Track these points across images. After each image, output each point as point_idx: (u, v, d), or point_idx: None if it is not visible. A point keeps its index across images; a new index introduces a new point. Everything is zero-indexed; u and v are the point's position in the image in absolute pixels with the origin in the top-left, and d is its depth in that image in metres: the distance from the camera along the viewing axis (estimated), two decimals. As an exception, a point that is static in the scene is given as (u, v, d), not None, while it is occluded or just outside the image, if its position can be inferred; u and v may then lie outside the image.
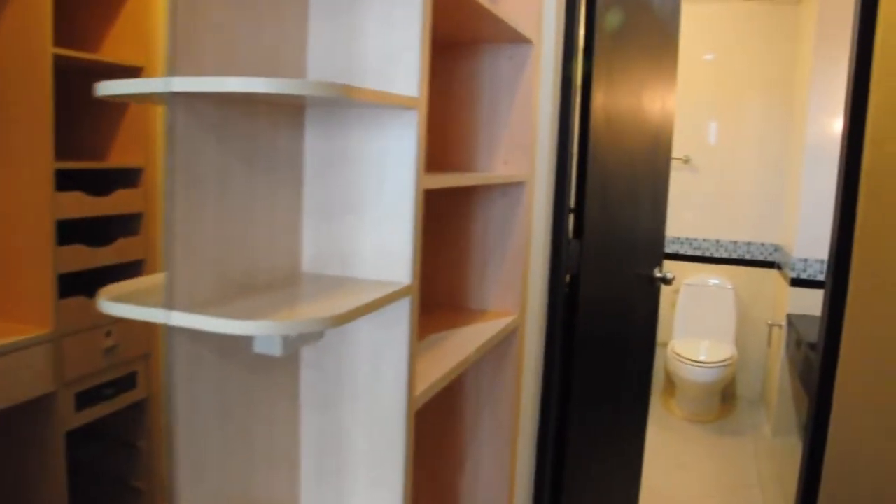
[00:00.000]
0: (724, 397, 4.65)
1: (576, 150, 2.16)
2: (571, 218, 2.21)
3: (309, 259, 1.22)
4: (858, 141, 2.10)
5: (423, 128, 1.13)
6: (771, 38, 4.43)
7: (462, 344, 1.53)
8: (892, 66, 2.07)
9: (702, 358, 4.12)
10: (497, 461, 1.91)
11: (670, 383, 4.72)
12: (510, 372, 1.85)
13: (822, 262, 3.93)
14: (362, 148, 1.16)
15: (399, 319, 1.16)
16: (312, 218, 1.21)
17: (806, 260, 3.95)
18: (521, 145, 1.74)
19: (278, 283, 1.16)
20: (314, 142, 1.20)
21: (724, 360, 4.10)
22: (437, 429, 1.93)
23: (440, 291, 1.90)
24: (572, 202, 2.18)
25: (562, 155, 1.98)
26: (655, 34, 2.60)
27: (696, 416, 4.37)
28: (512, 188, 1.78)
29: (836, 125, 3.87)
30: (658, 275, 2.94)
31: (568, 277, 2.20)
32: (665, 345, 4.63)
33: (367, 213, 1.16)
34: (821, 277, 3.95)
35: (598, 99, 2.18)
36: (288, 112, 1.16)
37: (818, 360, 2.26)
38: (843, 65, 4.00)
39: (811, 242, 3.94)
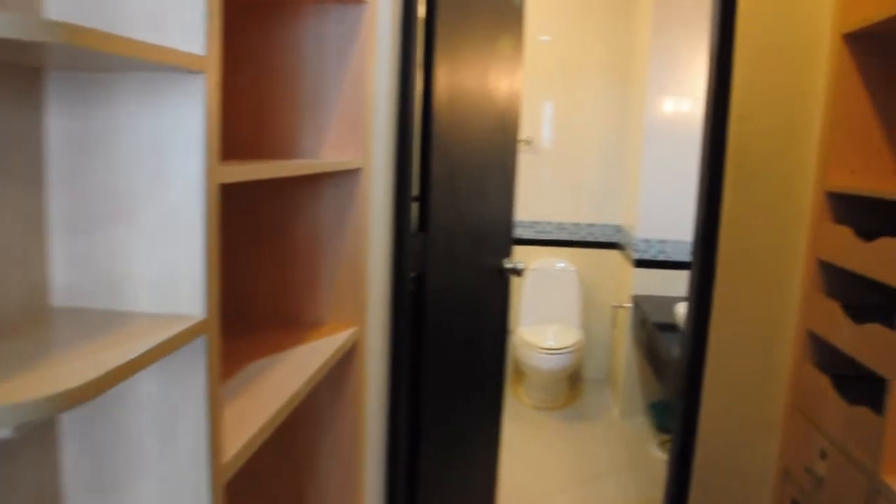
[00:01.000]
0: (572, 381, 4.57)
1: (418, 133, 1.88)
2: (416, 209, 1.93)
3: (62, 289, 0.86)
4: (722, 117, 1.95)
5: (216, 100, 0.80)
6: (607, 18, 4.34)
7: (290, 374, 1.22)
8: (757, 40, 1.93)
9: (549, 344, 3.99)
10: (342, 491, 1.60)
11: (518, 371, 4.58)
12: (351, 393, 1.55)
13: (663, 242, 3.90)
14: (131, 129, 0.81)
15: (193, 366, 0.83)
16: (63, 230, 0.84)
17: (648, 240, 3.90)
18: (353, 127, 1.44)
19: (10, 327, 0.79)
20: (61, 121, 0.83)
21: (572, 346, 3.99)
22: (264, 469, 1.60)
23: (264, 305, 1.56)
24: (416, 191, 1.90)
25: (402, 138, 1.69)
26: (501, 7, 2.36)
27: (546, 403, 4.25)
28: (344, 177, 1.47)
29: (675, 104, 3.83)
30: (508, 266, 2.73)
31: (414, 274, 1.93)
32: (511, 332, 4.48)
33: (141, 220, 0.82)
34: (662, 258, 3.91)
35: (442, 76, 1.91)
36: (12, 76, 0.79)
37: (687, 344, 2.11)
38: (682, 42, 3.95)
39: (652, 223, 3.89)
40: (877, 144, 1.89)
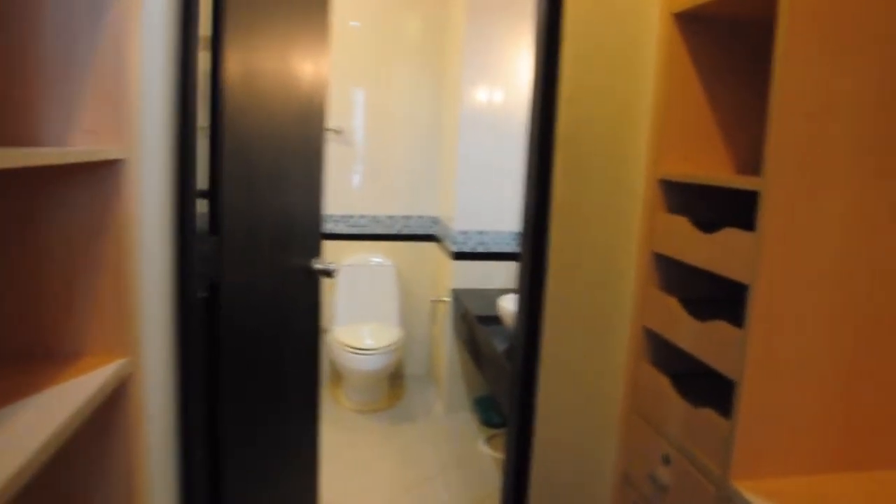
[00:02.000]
0: (394, 380, 4.35)
1: (205, 119, 1.56)
2: (207, 207, 1.61)
3: None
4: (550, 100, 1.77)
5: None
6: (420, 3, 4.13)
7: (30, 428, 0.87)
8: (585, 16, 1.76)
9: (367, 344, 3.73)
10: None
11: (336, 373, 4.30)
12: (121, 443, 1.21)
13: (481, 233, 3.75)
14: None
15: None
16: None
17: (466, 232, 3.74)
18: (113, 105, 1.09)
19: None
20: None
21: (390, 344, 3.76)
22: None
23: (4, 334, 1.18)
24: (204, 185, 1.58)
25: (183, 124, 1.36)
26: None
27: (367, 405, 4.00)
28: (102, 170, 1.12)
29: (491, 92, 3.69)
30: (318, 266, 2.44)
31: (206, 285, 1.61)
32: (327, 331, 4.19)
33: None
34: (481, 249, 3.77)
35: (234, 56, 1.59)
36: None
37: (519, 339, 1.92)
38: (498, 29, 3.76)
39: (470, 214, 3.74)
40: (710, 129, 1.79)
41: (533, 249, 1.84)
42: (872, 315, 1.44)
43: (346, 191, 4.24)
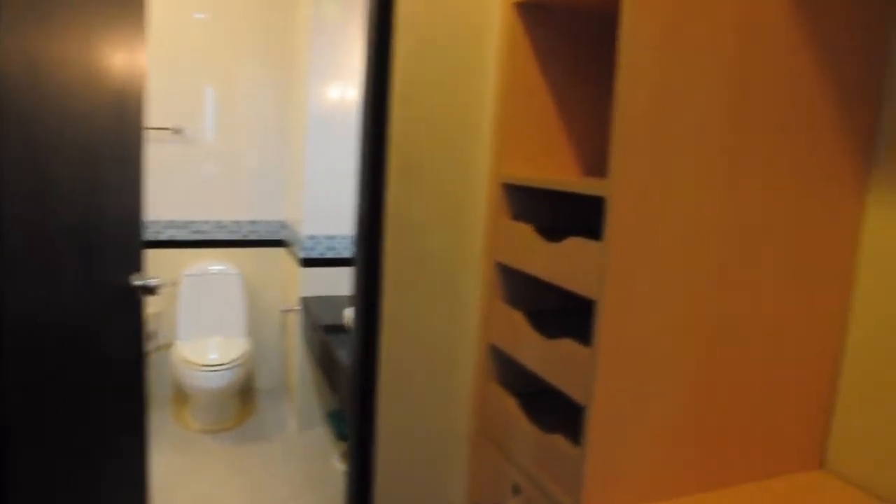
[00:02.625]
0: (244, 396, 4.04)
1: None
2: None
3: None
4: (382, 99, 1.57)
5: None
6: (258, -8, 3.84)
7: None
8: (420, 6, 1.57)
9: (212, 360, 3.42)
10: None
11: (181, 393, 3.94)
12: None
13: (331, 238, 3.52)
14: None
15: None
16: None
17: (315, 237, 3.49)
18: None
19: None
20: None
21: (237, 359, 3.46)
22: None
23: None
24: None
25: None
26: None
27: (216, 425, 3.67)
28: None
29: (340, 91, 3.45)
30: (138, 283, 2.14)
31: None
32: (169, 347, 3.83)
33: None
34: (331, 255, 3.53)
35: (13, 38, 1.30)
36: None
37: (356, 358, 1.73)
38: (345, 25, 3.57)
39: (319, 218, 3.49)
40: (556, 129, 1.64)
41: (366, 260, 1.64)
42: (724, 328, 1.34)
43: (187, 194, 3.88)
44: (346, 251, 3.55)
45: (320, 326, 3.16)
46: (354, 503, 1.76)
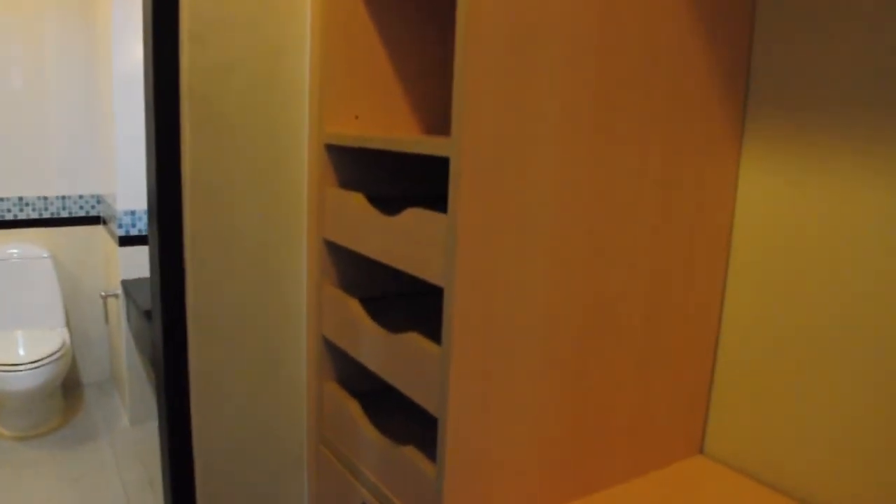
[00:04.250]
0: (69, 392, 3.51)
1: None
2: None
3: None
4: (171, 41, 1.20)
5: None
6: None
7: None
8: None
9: (21, 357, 2.90)
10: None
11: (-12, 396, 3.36)
12: None
13: (152, 212, 3.05)
14: None
15: None
16: None
17: (133, 212, 3.01)
18: None
19: None
20: None
21: (53, 353, 2.94)
22: None
23: None
24: None
25: None
26: None
27: (34, 429, 3.14)
28: None
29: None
30: None
31: None
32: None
33: None
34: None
35: None
36: None
37: (157, 353, 1.37)
38: None
39: (137, 191, 3.00)
40: (386, 80, 1.33)
41: (162, 241, 1.28)
42: (597, 312, 1.09)
43: (-22, 169, 3.27)
44: (171, 226, 3.10)
45: (145, 312, 2.73)
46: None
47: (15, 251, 3.30)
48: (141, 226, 3.02)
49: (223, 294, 1.32)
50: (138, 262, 3.05)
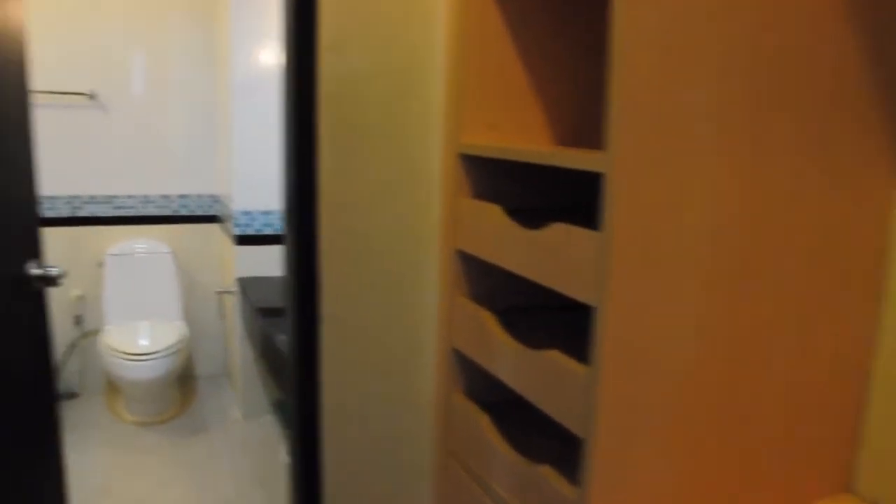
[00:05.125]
0: (183, 384, 3.66)
1: None
2: None
3: None
4: (307, 45, 1.22)
5: None
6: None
7: None
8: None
9: (143, 347, 3.03)
10: None
11: (112, 383, 3.54)
12: None
13: (267, 213, 3.13)
14: None
15: None
16: None
17: (249, 213, 3.10)
18: None
19: None
20: None
21: (172, 345, 3.08)
22: None
23: None
24: None
25: None
26: None
27: (152, 416, 3.29)
28: None
29: (270, 50, 3.02)
30: (36, 271, 1.77)
31: None
32: (97, 332, 3.43)
33: None
34: (268, 231, 3.15)
35: None
36: None
37: (292, 357, 1.39)
38: None
39: (253, 192, 3.09)
40: (520, 90, 1.30)
41: (298, 246, 1.29)
42: (745, 337, 1.04)
43: (107, 167, 3.43)
44: (285, 226, 3.17)
45: (259, 310, 2.80)
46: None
47: (141, 246, 3.47)
48: (257, 225, 3.11)
49: (356, 301, 1.33)
50: (253, 260, 3.14)
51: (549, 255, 1.03)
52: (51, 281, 1.77)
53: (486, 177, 1.30)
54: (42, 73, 3.05)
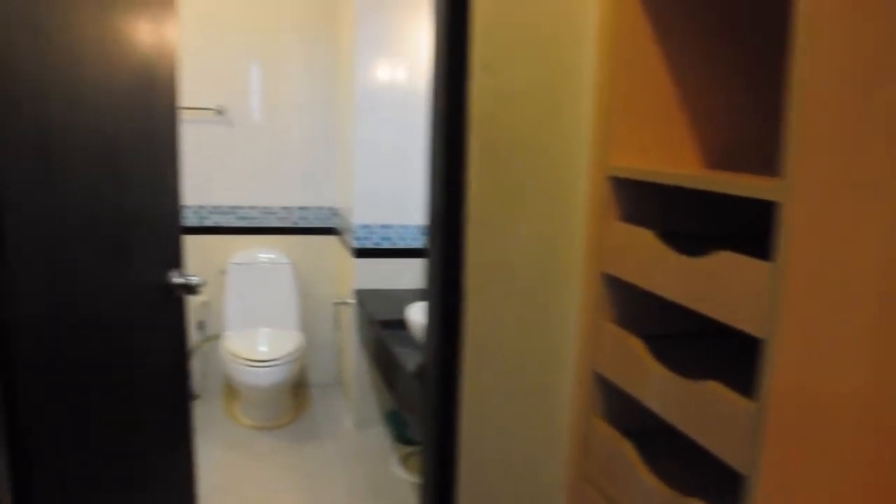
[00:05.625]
0: (297, 390, 3.77)
1: None
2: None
3: None
4: (459, 65, 1.24)
5: None
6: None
7: None
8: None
9: (263, 354, 3.15)
10: None
11: (230, 387, 3.68)
12: None
13: (385, 227, 3.19)
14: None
15: None
16: None
17: (368, 226, 3.18)
18: None
19: None
20: None
21: (290, 353, 3.18)
22: None
23: None
24: None
25: None
26: None
27: (268, 421, 3.41)
28: None
29: (392, 67, 3.09)
30: (178, 280, 1.86)
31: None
32: (218, 337, 3.58)
33: None
34: (386, 245, 3.22)
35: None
36: None
37: (431, 355, 1.40)
38: None
39: (372, 206, 3.16)
40: (673, 110, 1.29)
41: (443, 265, 1.31)
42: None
43: (233, 178, 3.60)
44: (403, 242, 3.22)
45: (376, 322, 2.86)
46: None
47: (265, 256, 3.60)
48: (376, 239, 3.18)
49: (497, 321, 1.33)
50: (371, 273, 3.21)
51: (711, 284, 1.01)
52: (191, 289, 1.87)
53: (636, 200, 1.28)
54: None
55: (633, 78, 1.25)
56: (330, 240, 3.75)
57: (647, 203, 1.29)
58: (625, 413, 1.35)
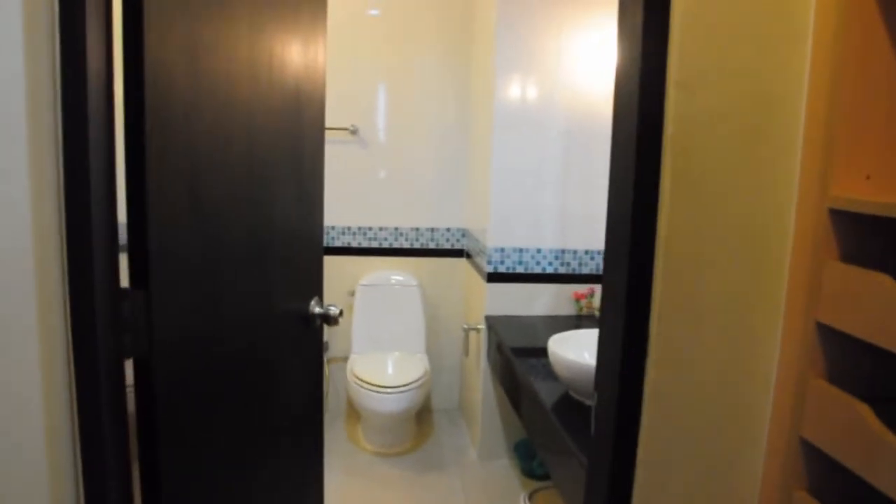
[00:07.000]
0: (420, 416, 3.67)
1: (117, 107, 0.92)
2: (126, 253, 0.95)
3: None
4: (655, 83, 1.08)
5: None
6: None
7: None
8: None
9: (389, 380, 3.06)
10: None
11: (354, 411, 3.62)
12: None
13: (520, 251, 3.05)
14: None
15: None
16: None
17: (502, 249, 3.04)
18: None
19: None
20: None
21: (417, 380, 3.08)
22: None
23: None
24: (122, 217, 0.95)
25: (74, 127, 0.75)
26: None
27: (390, 448, 3.32)
28: None
29: (530, 86, 2.96)
30: (318, 310, 1.79)
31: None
32: (344, 360, 3.53)
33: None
34: (520, 270, 3.07)
35: (166, 16, 0.94)
36: None
37: (604, 408, 1.24)
38: (534, 12, 2.87)
39: (506, 229, 3.02)
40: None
41: (626, 314, 1.15)
42: None
43: (363, 199, 3.56)
44: (538, 267, 3.06)
45: (507, 349, 2.71)
46: None
47: (395, 278, 3.54)
48: (509, 263, 3.04)
49: (685, 374, 1.15)
50: (503, 298, 3.07)
51: None
52: (332, 320, 1.79)
53: (863, 238, 1.08)
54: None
55: (862, 92, 1.05)
56: (458, 262, 3.64)
57: (871, 242, 1.08)
58: (832, 487, 1.14)
